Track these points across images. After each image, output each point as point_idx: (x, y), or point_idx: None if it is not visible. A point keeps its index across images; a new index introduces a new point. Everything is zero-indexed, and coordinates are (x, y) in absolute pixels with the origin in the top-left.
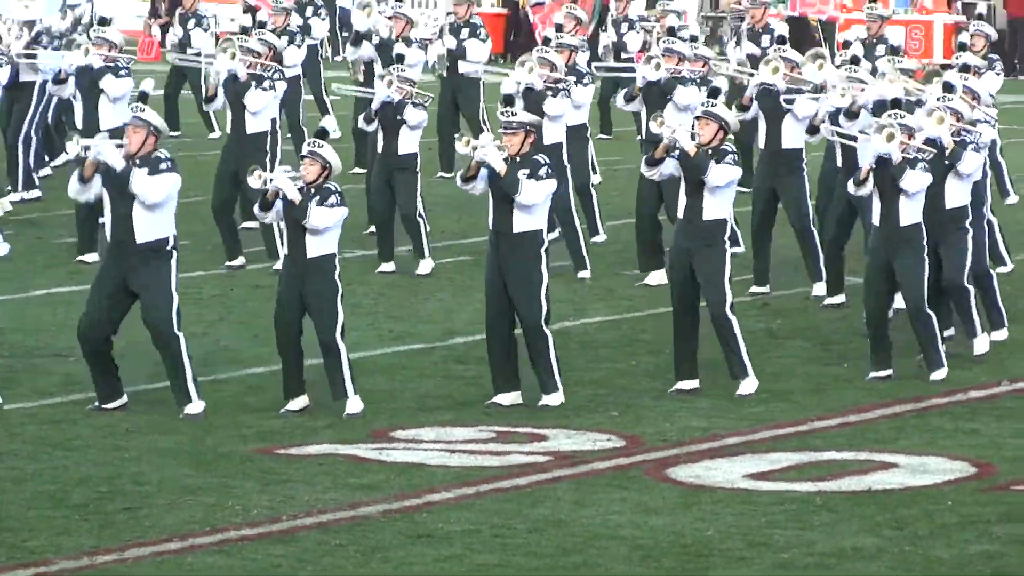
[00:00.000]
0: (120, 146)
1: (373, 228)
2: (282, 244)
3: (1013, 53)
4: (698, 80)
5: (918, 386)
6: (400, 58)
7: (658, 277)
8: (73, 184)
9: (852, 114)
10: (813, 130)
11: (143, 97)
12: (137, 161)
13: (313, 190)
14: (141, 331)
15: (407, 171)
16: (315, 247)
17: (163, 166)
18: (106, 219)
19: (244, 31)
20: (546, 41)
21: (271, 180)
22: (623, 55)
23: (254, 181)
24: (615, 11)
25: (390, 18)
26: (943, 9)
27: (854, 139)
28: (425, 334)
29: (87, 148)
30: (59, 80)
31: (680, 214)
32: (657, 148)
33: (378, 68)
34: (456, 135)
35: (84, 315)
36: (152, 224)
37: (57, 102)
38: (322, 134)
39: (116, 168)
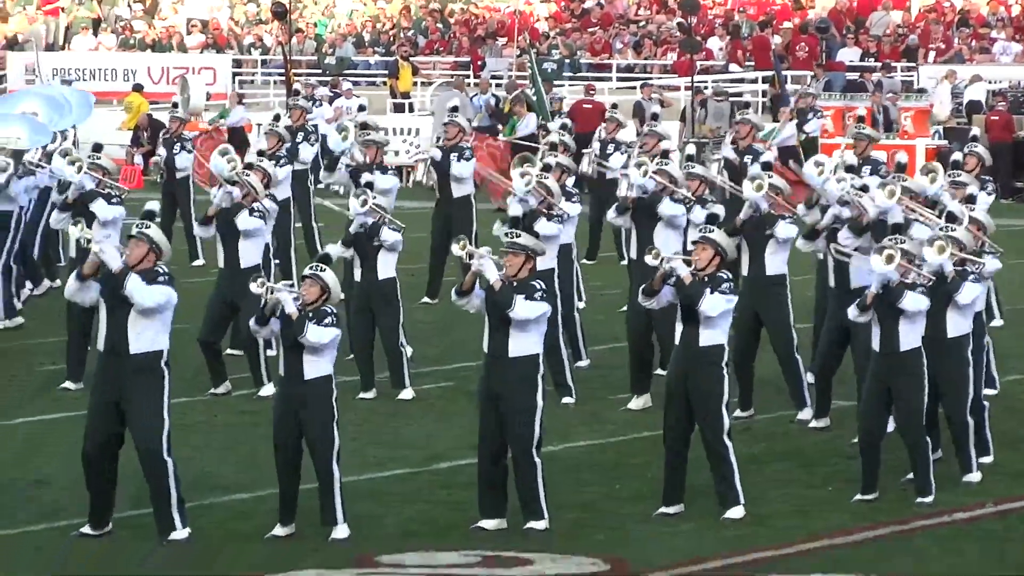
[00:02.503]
0: (122, 253)
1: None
2: (267, 371)
3: (995, 176)
4: (689, 200)
5: (903, 508)
6: (370, 185)
7: (641, 402)
8: (71, 282)
9: (859, 228)
10: (813, 234)
11: (150, 216)
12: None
13: (311, 313)
14: (127, 455)
15: (388, 299)
16: (312, 368)
17: (160, 279)
18: (100, 330)
19: (248, 167)
20: (546, 168)
21: (272, 291)
22: (608, 176)
23: (256, 288)
24: (604, 132)
25: (362, 144)
26: (924, 133)
27: (849, 256)
28: (408, 459)
29: (89, 240)
30: (67, 206)
31: (677, 340)
32: (654, 279)
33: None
34: (456, 239)
35: (86, 439)
36: (146, 335)
37: (43, 233)
38: (325, 259)
39: (112, 268)
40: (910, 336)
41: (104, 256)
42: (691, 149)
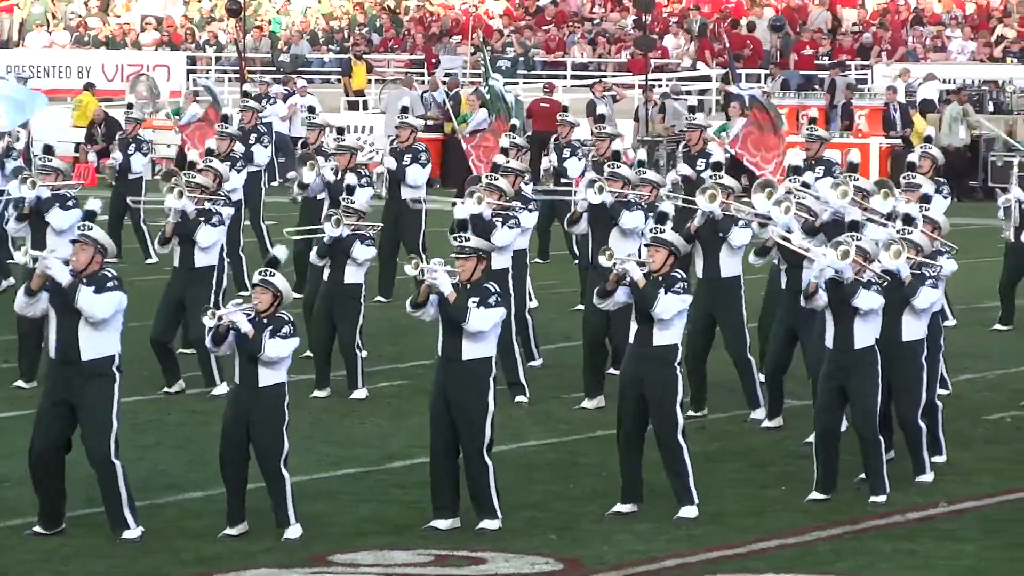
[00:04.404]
0: (67, 263)
1: (309, 352)
2: (219, 371)
3: (949, 177)
4: (644, 205)
5: (855, 507)
6: (350, 189)
7: (595, 402)
8: (20, 298)
9: (812, 230)
10: (763, 251)
11: (91, 216)
12: (84, 280)
13: (266, 320)
14: (77, 454)
15: (351, 301)
16: (266, 377)
17: (109, 284)
18: (50, 337)
19: (191, 165)
20: (494, 167)
21: (224, 316)
22: (563, 180)
23: (208, 320)
24: (559, 136)
25: (333, 153)
26: (879, 132)
27: (807, 250)
28: (362, 458)
29: (35, 259)
30: (23, 217)
31: (631, 340)
32: (608, 280)
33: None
34: (408, 258)
35: (34, 443)
36: (97, 342)
37: None
38: (273, 263)
39: (62, 283)
40: (865, 334)
41: (51, 272)
42: (642, 155)
